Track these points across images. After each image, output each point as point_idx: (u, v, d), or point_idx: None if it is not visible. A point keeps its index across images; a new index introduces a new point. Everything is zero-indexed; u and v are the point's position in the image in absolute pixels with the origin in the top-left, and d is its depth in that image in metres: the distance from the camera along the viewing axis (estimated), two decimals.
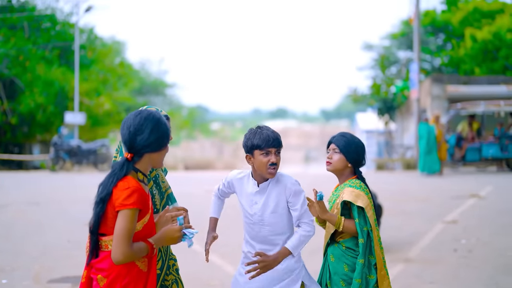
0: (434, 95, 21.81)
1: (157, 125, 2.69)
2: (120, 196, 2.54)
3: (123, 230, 2.52)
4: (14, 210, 10.62)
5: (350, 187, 3.40)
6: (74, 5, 29.67)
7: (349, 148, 3.44)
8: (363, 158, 3.48)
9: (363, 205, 3.30)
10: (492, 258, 6.87)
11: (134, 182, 2.58)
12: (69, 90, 27.95)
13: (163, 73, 50.34)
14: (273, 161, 3.25)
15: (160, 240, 2.69)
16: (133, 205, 2.54)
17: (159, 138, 2.69)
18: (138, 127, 2.65)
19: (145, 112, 2.72)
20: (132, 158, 2.65)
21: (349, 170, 3.47)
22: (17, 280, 6.03)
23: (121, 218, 2.53)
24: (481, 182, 14.21)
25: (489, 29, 26.18)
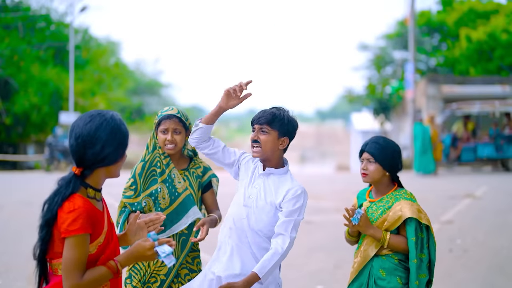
0: (430, 95, 21.87)
1: (112, 136, 2.27)
2: (65, 221, 2.20)
3: (71, 260, 2.20)
4: (8, 211, 10.57)
5: (406, 199, 3.12)
6: (69, 5, 29.61)
7: (384, 155, 3.14)
8: (400, 162, 3.20)
9: (427, 222, 3.05)
10: (487, 258, 6.88)
11: (81, 202, 2.23)
12: (63, 90, 27.88)
13: (158, 74, 50.26)
14: (253, 138, 3.00)
15: (128, 259, 2.34)
16: (79, 231, 2.20)
17: (115, 151, 2.29)
18: (88, 139, 2.25)
19: (97, 120, 2.28)
20: (81, 173, 2.28)
21: (387, 178, 3.19)
22: (12, 281, 6.00)
23: (67, 246, 2.20)
24: (476, 182, 14.24)
25: (484, 29, 26.27)
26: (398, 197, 3.12)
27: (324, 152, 61.96)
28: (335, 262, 6.70)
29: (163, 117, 3.29)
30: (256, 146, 2.98)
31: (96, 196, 2.34)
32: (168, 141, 3.27)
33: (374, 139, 3.19)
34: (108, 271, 2.28)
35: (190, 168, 3.38)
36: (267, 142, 2.97)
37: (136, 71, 46.70)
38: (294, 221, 2.92)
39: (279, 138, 3.00)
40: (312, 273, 6.29)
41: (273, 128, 2.97)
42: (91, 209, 2.26)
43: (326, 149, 63.78)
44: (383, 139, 3.19)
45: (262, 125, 2.97)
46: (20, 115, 26.54)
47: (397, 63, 30.95)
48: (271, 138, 2.98)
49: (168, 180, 3.27)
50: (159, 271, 3.23)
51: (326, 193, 13.17)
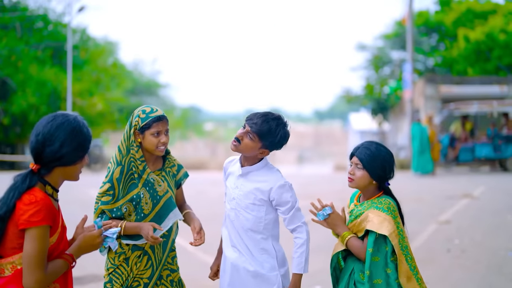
0: (428, 95, 21.89)
1: (72, 136, 2.31)
2: (25, 212, 2.18)
3: (34, 252, 2.16)
4: None
5: (377, 209, 2.98)
6: (67, 4, 29.57)
7: (373, 163, 3.00)
8: (390, 173, 3.05)
9: (387, 232, 2.91)
10: (485, 258, 6.88)
11: (42, 195, 2.24)
12: (61, 90, 27.86)
13: (156, 74, 50.24)
14: (237, 136, 3.05)
15: (79, 249, 2.39)
16: (42, 222, 2.18)
17: (73, 151, 2.32)
18: (48, 137, 2.29)
19: (59, 119, 2.33)
20: (38, 170, 2.31)
21: (374, 186, 3.07)
22: None
23: (29, 238, 2.16)
24: (474, 182, 14.25)
25: (482, 29, 26.30)
26: (373, 205, 3.00)
27: (322, 152, 62.00)
28: None
29: (155, 120, 3.18)
30: (236, 143, 3.02)
31: (53, 195, 2.34)
32: (163, 143, 3.19)
33: (367, 144, 3.07)
34: (66, 263, 2.31)
35: (166, 168, 3.32)
36: (247, 147, 3.01)
37: (134, 71, 46.69)
38: (294, 210, 3.05)
39: (260, 148, 3.04)
40: (310, 273, 6.28)
41: (261, 140, 2.98)
42: (51, 204, 2.26)
43: (324, 149, 63.81)
44: (375, 146, 3.05)
45: (251, 132, 2.97)
46: (18, 115, 26.51)
47: (395, 63, 30.98)
48: (253, 145, 3.00)
49: (148, 184, 3.19)
50: (142, 274, 3.16)
51: (324, 193, 13.18)
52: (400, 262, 2.94)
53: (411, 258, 2.98)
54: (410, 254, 2.98)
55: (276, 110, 3.29)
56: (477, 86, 21.91)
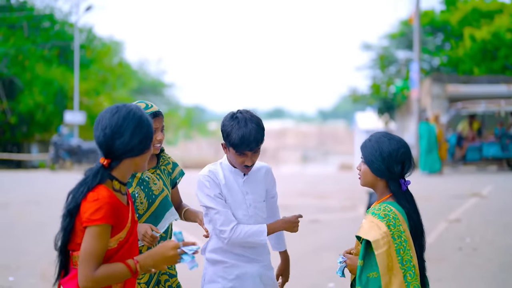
0: (434, 94, 21.86)
1: (139, 125, 2.26)
2: (87, 210, 2.16)
3: (88, 250, 2.14)
4: (15, 209, 10.60)
5: (372, 215, 2.59)
6: (73, 4, 29.66)
7: (372, 156, 2.62)
8: (396, 168, 2.59)
9: (371, 238, 2.48)
10: (496, 257, 6.88)
11: (106, 193, 2.19)
12: (68, 89, 27.95)
13: (161, 73, 50.31)
14: (247, 164, 2.93)
15: (148, 260, 2.21)
16: (102, 221, 2.15)
17: (142, 140, 2.26)
18: (116, 129, 2.22)
19: (123, 110, 2.26)
20: (109, 164, 2.24)
21: (382, 184, 2.65)
22: (24, 278, 6.03)
23: (87, 236, 2.15)
24: (482, 182, 14.23)
25: (488, 29, 26.24)
26: (371, 211, 2.61)
27: (326, 152, 61.95)
28: None
29: (150, 116, 3.07)
30: (249, 168, 2.97)
31: (121, 190, 2.28)
32: (159, 141, 3.10)
33: (372, 136, 2.71)
34: (127, 269, 2.18)
35: (160, 165, 3.22)
36: (257, 158, 3.02)
37: (139, 71, 46.78)
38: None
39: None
40: (322, 271, 6.30)
41: (260, 146, 2.95)
42: (116, 201, 2.21)
43: (328, 149, 63.75)
44: (378, 136, 2.66)
45: (255, 150, 2.92)
46: (25, 114, 26.61)
47: (400, 63, 30.94)
48: (259, 153, 3.00)
49: (143, 183, 3.09)
50: (139, 279, 3.06)
51: (331, 191, 13.19)
52: (388, 276, 2.46)
53: (412, 275, 2.49)
54: (412, 270, 2.49)
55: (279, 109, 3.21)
56: (484, 85, 21.87)
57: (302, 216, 3.07)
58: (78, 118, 26.22)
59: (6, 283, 5.88)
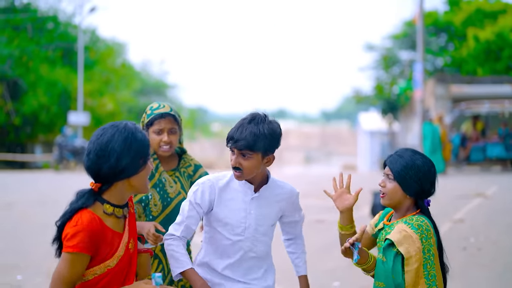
0: (438, 95, 21.86)
1: (127, 146, 2.11)
2: (65, 234, 2.09)
3: (57, 274, 2.08)
4: (20, 209, 10.66)
5: (404, 223, 2.52)
6: (77, 5, 29.78)
7: (406, 174, 2.52)
8: (429, 188, 2.56)
9: (405, 252, 2.43)
10: (501, 257, 6.89)
11: (87, 219, 2.08)
12: (71, 90, 28.07)
13: (164, 75, 50.42)
14: (233, 165, 2.54)
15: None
16: (74, 248, 2.05)
17: (133, 161, 2.13)
18: (101, 153, 2.10)
19: (108, 132, 2.13)
20: (99, 188, 2.15)
21: (410, 203, 2.58)
22: (31, 276, 6.08)
23: (61, 259, 2.09)
24: (486, 182, 14.23)
25: (492, 29, 26.23)
26: (403, 221, 2.54)
27: (329, 152, 61.99)
28: (349, 261, 6.73)
29: (156, 117, 3.00)
30: (238, 173, 2.56)
31: (115, 213, 2.16)
32: (164, 142, 3.00)
33: (400, 151, 2.61)
34: None
35: (180, 168, 3.14)
36: (251, 168, 2.55)
37: (142, 72, 46.89)
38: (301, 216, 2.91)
39: (264, 158, 2.58)
40: (327, 270, 6.32)
41: (255, 151, 2.52)
42: (97, 229, 2.08)
43: (331, 150, 63.78)
44: (410, 154, 2.57)
45: (242, 150, 2.51)
46: (29, 115, 26.73)
47: (403, 64, 30.95)
48: (255, 162, 2.55)
49: (159, 185, 3.02)
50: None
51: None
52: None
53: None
54: (435, 286, 2.46)
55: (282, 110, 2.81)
56: (488, 86, 21.87)
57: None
58: (82, 119, 26.32)
59: (14, 281, 5.93)
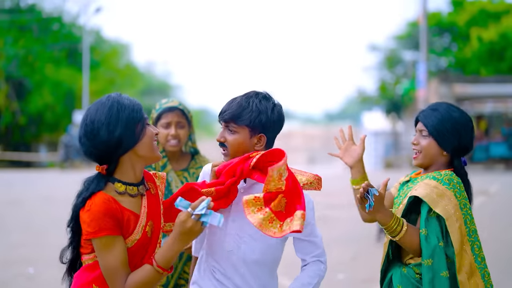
0: (441, 94, 21.96)
1: (115, 114, 1.94)
2: (83, 222, 1.95)
3: (105, 266, 1.95)
4: (30, 206, 10.82)
5: (432, 179, 2.27)
6: (82, 5, 30.01)
7: (443, 128, 2.31)
8: (468, 143, 2.34)
9: (444, 214, 2.18)
10: (504, 251, 7.01)
11: (100, 199, 1.93)
12: (76, 90, 28.28)
13: (168, 75, 50.67)
14: (218, 140, 2.26)
15: (171, 247, 1.94)
16: (100, 233, 1.92)
17: (126, 129, 1.95)
18: (90, 134, 1.94)
19: (92, 108, 1.98)
20: (106, 170, 1.98)
21: (444, 159, 2.35)
22: (44, 269, 6.22)
23: (96, 250, 1.96)
24: (489, 180, 14.34)
25: (496, 29, 26.32)
26: (428, 176, 2.30)
27: None
28: (352, 255, 6.87)
29: (164, 110, 2.96)
30: (224, 149, 2.26)
31: (128, 191, 2.00)
32: (172, 136, 2.93)
33: (434, 104, 2.39)
34: (154, 269, 1.94)
35: (190, 168, 3.02)
36: (236, 144, 2.21)
37: (146, 72, 47.10)
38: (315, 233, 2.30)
39: (252, 137, 2.21)
40: (332, 264, 6.45)
41: (240, 125, 2.20)
42: (114, 207, 1.94)
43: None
44: (445, 106, 2.36)
45: (227, 123, 2.22)
46: (34, 115, 26.94)
47: (407, 64, 31.05)
48: (240, 139, 2.21)
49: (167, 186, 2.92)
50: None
51: (338, 189, 13.33)
52: (461, 253, 2.22)
53: (479, 246, 2.29)
54: (478, 241, 2.29)
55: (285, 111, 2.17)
56: (491, 86, 21.97)
57: None
58: None
59: (28, 274, 6.09)
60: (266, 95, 2.25)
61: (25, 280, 5.90)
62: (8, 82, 26.39)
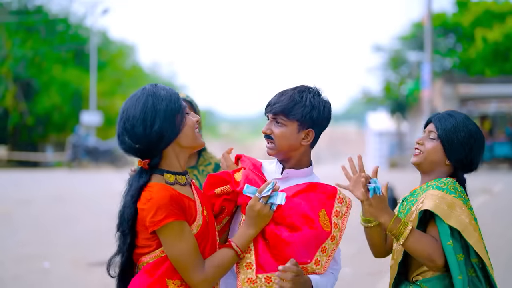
0: (446, 95, 22.05)
1: (150, 107, 1.88)
2: (147, 213, 1.86)
3: (178, 257, 1.87)
4: (39, 205, 10.99)
5: (436, 189, 2.10)
6: (89, 7, 30.25)
7: (454, 135, 2.15)
8: (474, 160, 2.19)
9: (459, 226, 2.01)
10: (506, 248, 7.12)
11: (158, 187, 1.88)
12: (83, 91, 28.53)
13: (173, 76, 50.83)
14: (264, 132, 2.20)
15: (246, 231, 1.98)
16: (168, 219, 1.84)
17: (165, 120, 1.89)
18: (130, 130, 1.88)
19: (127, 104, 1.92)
20: (149, 164, 1.92)
21: (445, 169, 2.20)
22: (56, 265, 6.41)
23: (164, 241, 1.87)
24: (493, 180, 14.42)
25: (500, 30, 26.35)
26: (432, 186, 2.12)
27: (337, 153, 62.17)
28: (357, 249, 7.01)
29: None
30: (270, 142, 2.20)
31: (178, 180, 1.95)
32: None
33: (452, 112, 2.24)
34: (232, 252, 1.95)
35: (199, 165, 2.97)
36: (283, 137, 2.17)
37: (152, 73, 47.29)
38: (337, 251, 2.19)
39: (300, 131, 2.18)
40: None
41: (290, 119, 2.17)
42: (174, 193, 1.89)
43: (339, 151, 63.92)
44: (463, 116, 2.21)
45: (276, 115, 2.18)
46: (42, 115, 27.19)
47: (411, 64, 31.12)
48: (288, 132, 2.17)
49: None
50: None
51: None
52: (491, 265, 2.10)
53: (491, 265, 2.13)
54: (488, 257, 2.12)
55: None
56: (495, 86, 22.04)
57: None
58: (95, 118, 26.72)
59: (41, 269, 6.27)
60: (318, 91, 2.24)
61: (38, 274, 6.08)
62: (16, 83, 26.64)
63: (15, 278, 5.94)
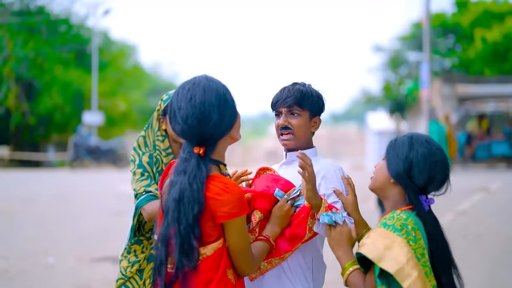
0: (444, 94, 22.18)
1: (222, 97, 1.94)
2: (223, 204, 1.88)
3: (242, 245, 1.96)
4: (43, 203, 11.15)
5: (382, 226, 1.96)
6: (91, 7, 30.37)
7: (394, 151, 2.05)
8: (418, 178, 2.00)
9: (390, 268, 1.86)
10: (500, 244, 7.26)
11: (232, 181, 1.93)
12: (85, 91, 28.69)
13: (175, 76, 50.96)
14: (282, 124, 2.39)
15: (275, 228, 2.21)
16: (242, 212, 1.92)
17: (232, 111, 1.97)
18: (201, 116, 1.89)
19: (197, 90, 1.92)
20: (204, 152, 1.93)
21: (397, 192, 2.04)
22: (61, 261, 6.57)
23: (233, 231, 1.92)
24: (491, 178, 14.55)
25: (499, 30, 26.48)
26: (382, 222, 1.98)
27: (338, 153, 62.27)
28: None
29: None
30: (287, 133, 2.39)
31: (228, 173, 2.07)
32: None
33: (409, 133, 2.12)
34: (267, 243, 2.17)
35: None
36: (300, 126, 2.39)
37: (153, 73, 47.43)
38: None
39: (311, 120, 2.44)
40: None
41: (304, 109, 2.40)
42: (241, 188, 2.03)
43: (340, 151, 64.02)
44: (415, 135, 2.07)
45: (291, 107, 2.39)
46: (44, 116, 27.36)
47: (411, 65, 31.25)
48: (303, 121, 2.40)
49: None
50: None
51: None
52: None
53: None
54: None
55: None
56: (493, 85, 22.17)
57: None
58: (96, 118, 26.89)
59: (46, 264, 6.45)
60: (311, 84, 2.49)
61: (42, 269, 6.24)
62: (18, 83, 26.81)
63: (21, 272, 6.10)
